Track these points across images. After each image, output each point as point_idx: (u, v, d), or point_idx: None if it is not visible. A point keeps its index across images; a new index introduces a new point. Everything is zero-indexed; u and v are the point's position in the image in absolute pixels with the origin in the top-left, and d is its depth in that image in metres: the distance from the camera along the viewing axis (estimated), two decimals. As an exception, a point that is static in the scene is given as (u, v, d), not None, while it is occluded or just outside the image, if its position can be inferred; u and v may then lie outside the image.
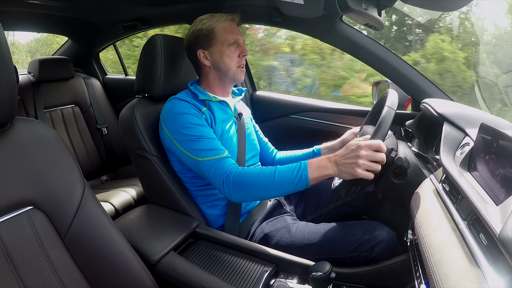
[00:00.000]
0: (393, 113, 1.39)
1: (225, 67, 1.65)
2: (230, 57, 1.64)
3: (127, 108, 1.68)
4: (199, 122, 1.51)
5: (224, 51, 1.63)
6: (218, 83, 1.70)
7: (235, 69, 1.67)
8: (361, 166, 1.27)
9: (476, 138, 1.07)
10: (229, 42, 1.63)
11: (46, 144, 1.04)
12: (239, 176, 1.39)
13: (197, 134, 1.48)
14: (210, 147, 1.46)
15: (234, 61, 1.66)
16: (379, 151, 1.29)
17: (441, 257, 0.84)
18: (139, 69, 1.74)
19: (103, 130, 3.14)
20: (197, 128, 1.49)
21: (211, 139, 1.49)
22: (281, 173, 1.37)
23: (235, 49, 1.65)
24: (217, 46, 1.64)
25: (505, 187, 0.81)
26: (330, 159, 1.35)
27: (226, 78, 1.68)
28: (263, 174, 1.38)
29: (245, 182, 1.39)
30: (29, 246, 0.95)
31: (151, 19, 2.71)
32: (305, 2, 1.52)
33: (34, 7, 2.33)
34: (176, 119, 1.52)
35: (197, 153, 1.47)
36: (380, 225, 1.49)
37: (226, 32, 1.63)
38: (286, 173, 1.36)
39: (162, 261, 1.29)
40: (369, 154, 1.27)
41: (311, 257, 1.39)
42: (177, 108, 1.54)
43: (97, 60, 3.56)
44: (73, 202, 1.04)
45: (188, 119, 1.50)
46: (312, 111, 2.47)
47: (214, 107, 1.64)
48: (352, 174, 1.28)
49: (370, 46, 1.93)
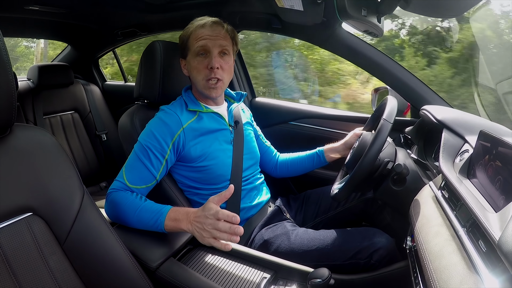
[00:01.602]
0: (389, 127, 1.40)
1: (194, 79, 1.62)
2: (196, 69, 1.58)
3: (127, 115, 1.69)
4: (155, 149, 1.50)
5: (192, 62, 1.59)
6: (200, 94, 1.67)
7: (203, 83, 1.59)
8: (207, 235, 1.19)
9: (475, 145, 1.07)
10: (196, 51, 1.57)
11: (45, 151, 1.04)
12: (115, 196, 1.42)
13: (142, 154, 1.49)
14: (136, 168, 1.48)
15: (201, 74, 1.58)
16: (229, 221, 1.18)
17: (440, 264, 0.84)
18: (139, 75, 1.75)
19: (103, 136, 3.14)
20: (145, 150, 1.49)
21: (144, 168, 1.48)
22: (143, 211, 1.36)
23: (203, 60, 1.57)
24: (190, 55, 1.60)
25: (504, 194, 0.81)
26: (189, 215, 1.28)
27: (199, 92, 1.65)
28: (130, 203, 1.38)
29: (116, 202, 1.40)
30: (28, 252, 0.94)
31: (150, 26, 2.72)
32: (304, 8, 1.52)
33: (34, 14, 2.33)
34: (144, 132, 1.54)
35: (127, 161, 1.50)
36: (379, 232, 1.48)
37: (196, 40, 1.57)
38: (147, 212, 1.35)
39: (161, 268, 1.28)
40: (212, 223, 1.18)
41: (310, 264, 1.38)
42: (151, 125, 1.55)
43: (97, 67, 3.57)
44: (72, 208, 1.03)
45: (149, 139, 1.51)
46: (311, 117, 2.47)
47: (205, 118, 1.63)
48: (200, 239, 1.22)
49: (370, 53, 1.94)
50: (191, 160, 1.57)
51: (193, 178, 1.62)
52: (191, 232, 1.26)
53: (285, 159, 2.03)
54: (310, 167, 1.98)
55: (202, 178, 1.61)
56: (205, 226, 1.18)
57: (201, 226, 1.20)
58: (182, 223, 1.28)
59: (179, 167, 1.61)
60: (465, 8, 1.36)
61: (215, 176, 1.61)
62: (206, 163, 1.58)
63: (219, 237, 1.17)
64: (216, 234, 1.17)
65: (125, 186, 1.45)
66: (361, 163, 1.39)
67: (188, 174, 1.61)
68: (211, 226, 1.17)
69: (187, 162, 1.58)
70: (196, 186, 1.62)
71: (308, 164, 1.97)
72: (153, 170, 1.48)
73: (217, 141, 1.62)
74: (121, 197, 1.40)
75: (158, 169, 1.50)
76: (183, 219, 1.28)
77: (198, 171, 1.59)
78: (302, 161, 1.98)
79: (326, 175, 2.31)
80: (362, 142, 1.57)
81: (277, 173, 2.05)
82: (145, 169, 1.47)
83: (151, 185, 1.50)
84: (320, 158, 1.93)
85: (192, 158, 1.56)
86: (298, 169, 2.00)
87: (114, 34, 2.95)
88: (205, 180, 1.61)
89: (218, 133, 1.65)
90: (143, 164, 1.47)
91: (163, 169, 1.52)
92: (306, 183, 2.29)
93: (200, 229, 1.21)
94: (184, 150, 1.55)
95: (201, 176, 1.60)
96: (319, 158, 1.93)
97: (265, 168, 2.04)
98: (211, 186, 1.62)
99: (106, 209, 1.43)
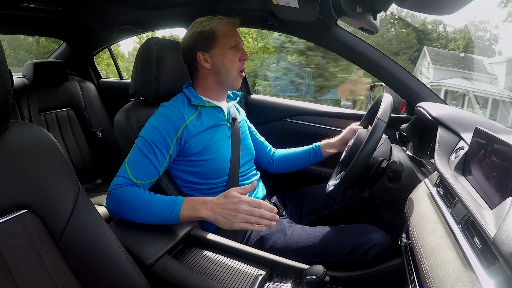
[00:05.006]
0: (384, 126, 1.41)
1: (226, 70, 1.65)
2: (231, 60, 1.64)
3: (122, 112, 1.68)
4: (159, 144, 1.51)
5: (225, 54, 1.63)
6: (216, 87, 1.70)
7: (235, 74, 1.66)
8: (239, 220, 1.27)
9: (470, 142, 1.07)
10: (231, 45, 1.63)
11: (41, 147, 1.03)
12: (120, 191, 1.41)
13: (146, 149, 1.49)
14: (141, 164, 1.48)
15: (236, 65, 1.65)
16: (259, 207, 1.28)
17: (435, 261, 0.84)
18: (134, 72, 1.74)
19: (98, 133, 3.13)
20: (149, 145, 1.50)
21: (149, 163, 1.49)
22: (155, 203, 1.37)
23: (236, 53, 1.65)
24: (218, 49, 1.63)
25: (500, 191, 0.82)
26: (207, 204, 1.33)
27: (225, 82, 1.68)
28: (139, 198, 1.39)
29: (121, 198, 1.40)
30: (23, 249, 0.94)
31: (146, 23, 2.71)
32: (300, 6, 1.52)
33: (29, 11, 2.32)
34: (146, 127, 1.55)
35: (130, 157, 1.50)
36: (375, 229, 1.49)
37: (228, 35, 1.63)
38: (159, 205, 1.37)
39: (156, 265, 1.28)
40: (248, 210, 1.26)
41: (306, 260, 1.38)
42: (155, 121, 1.55)
43: (92, 64, 3.56)
44: (67, 205, 1.03)
45: (152, 134, 1.51)
46: (306, 114, 2.48)
47: (205, 113, 1.64)
48: (229, 226, 1.29)
49: (365, 50, 1.94)
50: (192, 154, 1.58)
51: (192, 173, 1.62)
52: (211, 219, 1.32)
53: (281, 154, 2.05)
54: (306, 162, 1.99)
55: (202, 172, 1.62)
56: (239, 214, 1.26)
57: (231, 212, 1.27)
58: (200, 212, 1.33)
59: (179, 162, 1.62)
60: (460, 5, 1.36)
61: (215, 170, 1.63)
62: (206, 157, 1.59)
63: (257, 222, 1.27)
64: (253, 219, 1.26)
65: (130, 181, 1.44)
66: (355, 161, 1.40)
67: (187, 169, 1.62)
68: (246, 213, 1.26)
69: (187, 156, 1.59)
70: (195, 181, 1.63)
71: (304, 159, 1.98)
72: (158, 165, 1.49)
73: (217, 136, 1.64)
74: (127, 191, 1.40)
75: (162, 164, 1.51)
76: (201, 208, 1.33)
77: (198, 165, 1.60)
78: (299, 156, 1.99)
79: (321, 172, 2.32)
80: (357, 140, 1.58)
81: (274, 168, 2.06)
82: (150, 164, 1.48)
83: (154, 180, 1.51)
84: (316, 153, 1.94)
85: (193, 153, 1.58)
86: (294, 164, 2.02)
87: (110, 31, 2.94)
88: (205, 174, 1.62)
89: (218, 128, 1.67)
90: (148, 159, 1.48)
91: (166, 164, 1.53)
92: (301, 180, 2.29)
93: (228, 215, 1.28)
94: (186, 145, 1.56)
95: (200, 171, 1.61)
96: (316, 153, 1.95)
97: (260, 164, 2.05)
98: (210, 180, 1.64)
99: (109, 206, 1.42)
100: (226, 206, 1.29)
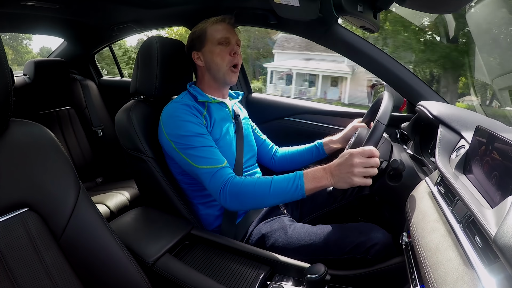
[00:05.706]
0: (383, 128, 1.41)
1: (216, 66, 1.67)
2: (220, 56, 1.66)
3: (123, 110, 1.68)
4: (200, 131, 1.52)
5: (214, 50, 1.66)
6: (213, 83, 1.72)
7: (226, 69, 1.68)
8: (357, 174, 1.29)
9: (471, 141, 1.07)
10: (219, 40, 1.66)
11: (41, 146, 1.03)
12: (236, 186, 1.41)
13: (198, 143, 1.49)
14: (210, 155, 1.48)
15: (225, 60, 1.67)
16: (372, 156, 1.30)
17: (436, 260, 0.84)
18: (135, 71, 1.74)
19: (99, 132, 3.13)
20: (199, 137, 1.50)
21: (211, 148, 1.50)
22: (277, 183, 1.38)
23: (225, 48, 1.67)
24: (207, 46, 1.67)
25: (501, 190, 0.81)
26: (326, 169, 1.36)
27: (217, 77, 1.70)
28: (259, 184, 1.39)
29: (241, 191, 1.40)
30: (24, 248, 0.94)
31: (146, 21, 2.71)
32: (300, 4, 1.52)
33: (30, 9, 2.32)
34: (178, 125, 1.52)
35: (197, 161, 1.48)
36: (376, 227, 1.49)
37: (217, 32, 1.67)
38: (282, 183, 1.37)
39: (157, 263, 1.28)
40: (363, 161, 1.29)
41: (307, 258, 1.39)
42: (179, 114, 1.54)
43: (93, 62, 3.56)
44: (68, 203, 1.03)
45: (190, 128, 1.51)
46: (307, 113, 2.47)
47: (213, 109, 1.66)
48: (350, 183, 1.30)
49: (366, 49, 1.94)
50: None
51: None
52: (333, 184, 1.36)
53: (284, 152, 2.05)
54: (309, 159, 1.99)
55: None
56: (355, 168, 1.29)
57: (348, 169, 1.31)
58: (322, 180, 1.37)
59: None
60: (461, 4, 1.36)
61: None
62: None
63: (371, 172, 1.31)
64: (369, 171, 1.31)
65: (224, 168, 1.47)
66: None
67: None
68: (361, 165, 1.30)
69: None
70: None
71: (307, 156, 1.98)
72: (212, 143, 1.53)
73: (225, 130, 1.66)
74: (243, 182, 1.42)
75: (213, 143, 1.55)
76: (322, 176, 1.37)
77: None
78: (302, 154, 1.99)
79: None
80: (357, 140, 1.58)
81: (276, 166, 2.06)
82: (213, 149, 1.51)
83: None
84: (319, 150, 1.95)
85: None
86: (297, 162, 2.02)
87: (110, 30, 2.93)
88: None
89: (226, 123, 1.69)
90: (208, 146, 1.50)
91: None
92: None
93: (346, 173, 1.31)
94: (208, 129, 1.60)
95: None
96: (318, 150, 1.95)
97: (262, 161, 2.06)
98: None
99: (230, 202, 1.42)
100: (341, 165, 1.33)
